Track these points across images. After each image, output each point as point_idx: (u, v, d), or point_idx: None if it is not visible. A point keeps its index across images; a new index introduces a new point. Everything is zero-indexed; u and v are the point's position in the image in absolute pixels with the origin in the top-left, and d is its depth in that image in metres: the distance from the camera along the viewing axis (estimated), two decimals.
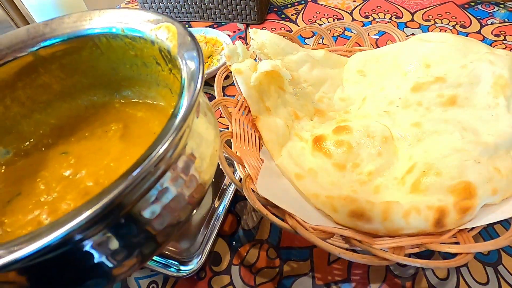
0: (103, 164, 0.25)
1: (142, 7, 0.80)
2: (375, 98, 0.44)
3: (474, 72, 0.38)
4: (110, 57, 0.27)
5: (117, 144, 0.26)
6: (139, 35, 0.24)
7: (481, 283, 0.33)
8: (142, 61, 0.27)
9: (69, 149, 0.27)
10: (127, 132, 0.27)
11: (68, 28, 0.25)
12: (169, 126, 0.17)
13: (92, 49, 0.26)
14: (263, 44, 0.45)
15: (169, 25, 0.22)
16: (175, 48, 0.21)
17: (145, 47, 0.25)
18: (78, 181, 0.25)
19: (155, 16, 0.23)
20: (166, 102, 0.29)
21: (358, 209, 0.31)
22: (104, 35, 0.25)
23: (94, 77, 0.29)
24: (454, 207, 0.29)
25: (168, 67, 0.25)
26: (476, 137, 0.34)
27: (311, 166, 0.37)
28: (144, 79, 0.28)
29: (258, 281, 0.34)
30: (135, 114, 0.29)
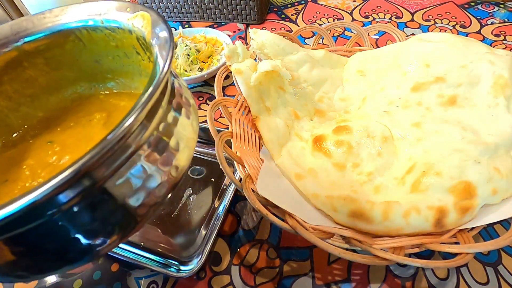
0: (86, 149, 0.26)
1: None
2: (375, 98, 0.44)
3: (474, 72, 0.38)
4: (93, 50, 0.28)
5: (100, 131, 0.27)
6: (117, 25, 0.25)
7: (481, 283, 0.33)
8: (123, 51, 0.27)
9: (54, 138, 0.28)
10: (110, 120, 0.29)
11: (49, 23, 0.26)
12: (137, 103, 0.17)
13: (74, 42, 0.27)
14: (263, 44, 0.45)
15: (144, 13, 0.23)
16: (149, 34, 0.22)
17: (124, 37, 0.25)
18: (61, 166, 0.25)
19: (131, 5, 0.24)
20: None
21: (358, 209, 0.31)
22: (84, 28, 0.26)
23: (79, 70, 0.29)
24: (454, 207, 0.29)
25: (147, 55, 0.26)
26: (476, 137, 0.34)
27: (311, 166, 0.37)
28: (127, 70, 0.29)
29: (258, 281, 0.34)
30: (118, 104, 0.30)
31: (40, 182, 0.23)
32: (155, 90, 0.18)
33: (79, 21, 0.26)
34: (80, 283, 0.36)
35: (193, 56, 0.62)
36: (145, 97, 0.17)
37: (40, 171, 0.26)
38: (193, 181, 0.44)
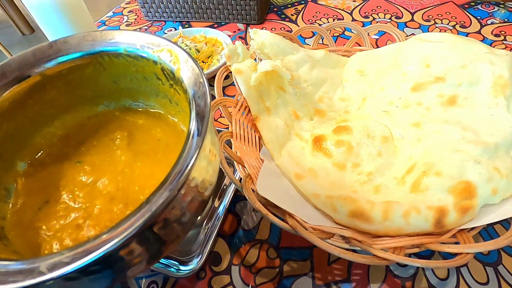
0: (118, 170, 0.28)
1: (142, 7, 0.80)
2: (375, 98, 0.44)
3: (474, 72, 0.38)
4: (112, 72, 0.29)
5: (126, 152, 0.29)
6: (142, 55, 0.26)
7: (481, 283, 0.33)
8: (142, 75, 0.28)
9: (82, 158, 0.29)
10: (132, 139, 0.30)
11: (71, 49, 0.27)
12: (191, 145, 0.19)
13: (95, 66, 0.28)
14: (263, 44, 0.45)
15: (171, 49, 0.25)
16: (179, 71, 0.24)
17: (146, 65, 0.27)
18: (99, 188, 0.27)
19: (157, 39, 0.26)
20: (165, 110, 0.31)
21: (358, 209, 0.31)
22: (107, 54, 0.27)
23: (96, 89, 0.30)
24: (454, 207, 0.29)
25: (169, 82, 0.27)
26: (476, 137, 0.34)
27: (311, 166, 0.37)
28: (143, 90, 0.30)
29: (258, 281, 0.34)
30: (136, 122, 0.31)
31: (84, 203, 0.26)
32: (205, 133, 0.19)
33: (102, 48, 0.27)
34: None
35: (193, 56, 0.62)
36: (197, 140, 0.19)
37: (78, 191, 0.27)
38: None
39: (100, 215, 0.25)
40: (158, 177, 0.27)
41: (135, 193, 0.26)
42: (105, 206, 0.26)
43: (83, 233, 0.24)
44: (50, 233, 0.25)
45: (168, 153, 0.28)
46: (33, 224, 0.25)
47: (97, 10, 2.20)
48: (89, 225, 0.25)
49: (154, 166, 0.28)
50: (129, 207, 0.25)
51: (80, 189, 0.27)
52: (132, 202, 0.26)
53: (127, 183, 0.27)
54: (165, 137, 0.30)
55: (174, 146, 0.29)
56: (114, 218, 0.25)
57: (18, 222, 0.25)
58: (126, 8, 0.91)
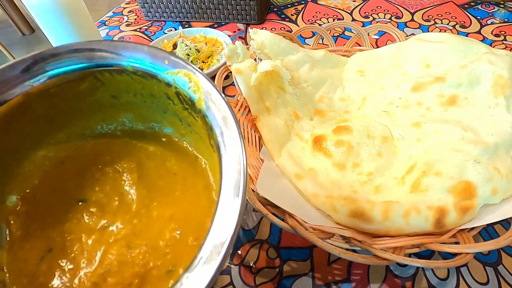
0: (132, 212, 0.24)
1: (142, 7, 0.80)
2: (375, 98, 0.44)
3: (474, 72, 0.38)
4: (112, 88, 0.24)
5: (138, 188, 0.25)
6: (152, 74, 0.22)
7: (481, 283, 0.33)
8: (149, 92, 0.24)
9: (85, 196, 0.25)
10: (143, 172, 0.25)
11: (61, 63, 0.22)
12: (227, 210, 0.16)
13: (92, 82, 0.24)
14: (263, 44, 0.45)
15: (189, 74, 0.21)
16: (201, 103, 0.20)
17: (156, 84, 0.23)
18: (111, 233, 0.23)
19: (170, 57, 0.22)
20: (174, 128, 0.26)
21: (358, 209, 0.31)
22: (107, 70, 0.23)
23: (89, 103, 0.25)
24: (454, 207, 0.29)
25: (183, 106, 0.23)
26: (476, 137, 0.34)
27: (311, 166, 0.37)
28: (149, 106, 0.26)
29: (258, 281, 0.34)
30: (146, 148, 0.26)
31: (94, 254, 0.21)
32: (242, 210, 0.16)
33: (101, 62, 0.22)
34: None
35: (193, 56, 0.62)
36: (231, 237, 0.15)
37: (86, 238, 0.23)
38: None
39: (120, 269, 0.21)
40: (177, 219, 0.23)
41: (155, 239, 0.22)
42: (123, 257, 0.22)
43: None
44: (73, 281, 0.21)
45: (186, 191, 0.25)
46: (37, 280, 0.21)
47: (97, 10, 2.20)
48: (111, 285, 0.21)
49: (172, 208, 0.24)
50: (151, 257, 0.22)
51: (88, 235, 0.23)
52: (153, 249, 0.22)
53: (145, 227, 0.23)
54: (182, 170, 0.26)
55: (191, 182, 0.25)
56: (138, 272, 0.21)
57: (18, 273, 0.21)
58: (126, 8, 0.91)
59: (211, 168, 0.24)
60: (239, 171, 0.17)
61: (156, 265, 0.21)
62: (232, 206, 0.16)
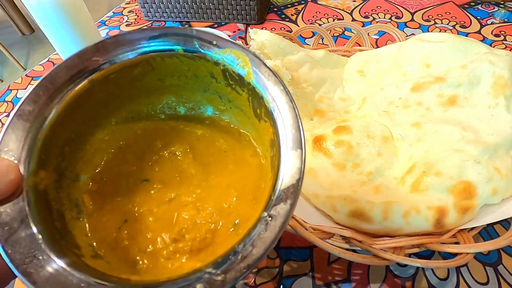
0: (194, 184, 0.26)
1: (142, 7, 0.80)
2: (375, 98, 0.44)
3: (474, 72, 0.38)
4: (160, 71, 0.26)
5: (195, 166, 0.27)
6: (202, 55, 0.23)
7: (481, 283, 0.33)
8: (194, 73, 0.26)
9: (147, 175, 0.27)
10: (196, 153, 0.28)
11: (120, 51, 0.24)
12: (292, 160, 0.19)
13: (144, 66, 0.25)
14: (263, 44, 0.45)
15: (236, 50, 0.23)
16: (250, 76, 0.22)
17: (203, 64, 0.24)
18: (179, 202, 0.25)
19: (218, 38, 0.23)
20: (213, 106, 0.29)
21: (358, 209, 0.31)
22: (159, 55, 0.24)
23: (137, 87, 0.27)
24: (454, 207, 0.29)
25: (226, 82, 0.25)
26: (476, 137, 0.34)
27: (311, 166, 0.37)
28: (190, 87, 0.27)
29: (258, 281, 0.34)
30: (195, 132, 0.29)
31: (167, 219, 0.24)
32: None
33: (154, 47, 0.24)
34: None
35: None
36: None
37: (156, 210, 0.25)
38: None
39: (195, 227, 0.24)
40: (234, 186, 0.26)
41: (218, 203, 0.25)
42: (195, 217, 0.24)
43: (183, 246, 0.23)
44: (147, 253, 0.23)
45: (237, 163, 0.27)
46: (120, 244, 0.23)
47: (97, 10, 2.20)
48: (190, 239, 0.23)
49: (228, 178, 0.26)
50: (218, 217, 0.24)
51: (158, 206, 0.25)
52: (219, 210, 0.25)
53: (208, 195, 0.26)
54: (230, 147, 0.28)
55: (240, 154, 0.27)
56: (209, 229, 0.24)
57: (102, 240, 0.23)
58: (126, 8, 0.91)
59: (256, 139, 0.27)
60: (297, 127, 0.20)
61: (223, 222, 0.24)
62: (295, 157, 0.19)
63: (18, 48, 2.20)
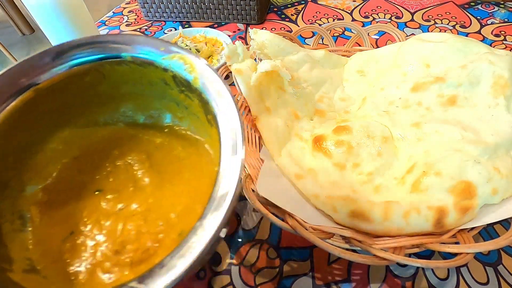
0: (147, 193, 0.26)
1: (142, 7, 0.80)
2: (375, 98, 0.44)
3: (474, 72, 0.38)
4: (112, 79, 0.26)
5: (150, 174, 0.27)
6: (149, 61, 0.24)
7: (481, 283, 0.33)
8: (147, 80, 0.26)
9: (100, 186, 0.27)
10: (154, 162, 0.27)
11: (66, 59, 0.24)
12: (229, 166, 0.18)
13: (94, 75, 0.25)
14: (263, 44, 0.45)
15: (184, 56, 0.23)
16: (197, 81, 0.22)
17: (153, 71, 0.24)
18: (128, 212, 0.25)
19: (165, 44, 0.23)
20: (172, 113, 0.29)
21: (358, 209, 0.31)
22: (108, 62, 0.24)
23: (92, 96, 0.27)
24: (454, 207, 0.29)
25: (179, 88, 0.25)
26: (476, 137, 0.34)
27: (311, 166, 0.37)
28: (147, 94, 0.28)
29: (258, 281, 0.34)
30: (153, 141, 0.28)
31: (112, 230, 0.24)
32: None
33: (102, 55, 0.24)
34: None
35: None
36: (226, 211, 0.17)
37: (104, 221, 0.25)
38: None
39: (139, 237, 0.24)
40: (186, 194, 0.26)
41: (167, 212, 0.25)
42: (140, 228, 0.24)
43: (124, 258, 0.23)
44: (85, 267, 0.23)
45: (192, 171, 0.27)
46: (62, 257, 0.23)
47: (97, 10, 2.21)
48: (131, 250, 0.23)
49: (182, 186, 0.26)
50: (164, 227, 0.24)
51: (106, 217, 0.25)
52: (166, 220, 0.25)
53: (159, 204, 0.26)
54: (187, 155, 0.28)
55: (196, 162, 0.27)
56: (154, 239, 0.24)
57: (44, 253, 0.23)
58: (126, 8, 0.91)
59: (210, 146, 0.27)
60: (236, 132, 0.19)
61: (169, 232, 0.24)
62: (233, 162, 0.18)
63: (18, 48, 2.20)
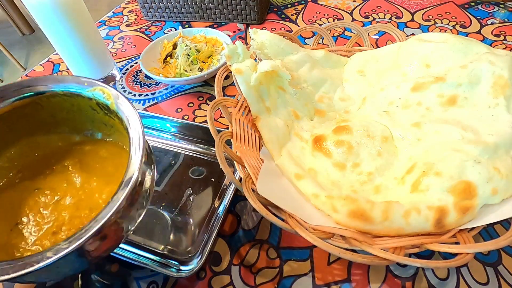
0: (78, 188, 0.33)
1: (142, 7, 0.80)
2: (375, 98, 0.44)
3: (474, 72, 0.38)
4: (49, 109, 0.33)
5: (81, 173, 0.33)
6: (77, 93, 0.31)
7: (481, 283, 0.33)
8: (78, 108, 0.33)
9: (40, 185, 0.33)
10: (84, 163, 0.34)
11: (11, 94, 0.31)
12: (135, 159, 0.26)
13: (34, 106, 0.32)
14: (263, 44, 0.45)
15: (103, 88, 0.30)
16: (113, 105, 0.30)
17: (81, 101, 0.32)
18: (64, 203, 0.32)
19: (88, 80, 0.31)
20: (102, 132, 0.36)
21: (358, 209, 0.30)
22: (45, 96, 0.32)
23: (33, 122, 0.34)
24: (454, 207, 0.29)
25: (103, 112, 0.32)
26: (476, 137, 0.34)
27: (311, 166, 0.37)
28: (79, 119, 0.35)
29: (258, 281, 0.34)
30: (82, 148, 0.36)
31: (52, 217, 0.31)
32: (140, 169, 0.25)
33: (39, 91, 0.31)
34: (80, 283, 0.36)
35: (193, 56, 0.62)
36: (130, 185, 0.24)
37: (45, 211, 0.31)
38: (193, 181, 0.44)
39: (71, 220, 0.30)
40: (111, 184, 0.32)
41: (96, 200, 0.31)
42: (73, 213, 0.31)
43: (60, 236, 0.29)
44: (31, 244, 0.29)
45: (115, 165, 0.34)
46: (10, 242, 0.29)
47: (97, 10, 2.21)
48: (65, 230, 0.30)
49: (107, 178, 0.33)
50: (93, 211, 0.31)
51: (46, 208, 0.31)
52: (95, 206, 0.31)
53: (89, 195, 0.32)
54: (111, 155, 0.35)
55: (119, 158, 0.34)
56: (83, 221, 0.30)
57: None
58: (126, 8, 0.91)
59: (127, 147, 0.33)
60: (141, 137, 0.27)
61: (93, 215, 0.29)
62: (136, 156, 0.26)
63: (18, 48, 2.20)
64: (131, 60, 0.70)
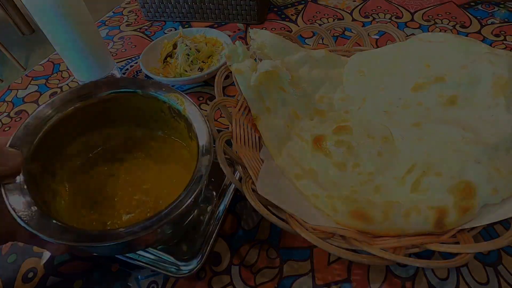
0: (150, 175, 0.38)
1: (142, 7, 0.80)
2: (375, 98, 0.44)
3: (474, 72, 0.38)
4: (125, 105, 0.37)
5: (152, 164, 0.38)
6: (154, 96, 0.36)
7: (481, 283, 0.33)
8: (148, 107, 0.37)
9: (114, 172, 0.38)
10: (153, 156, 0.39)
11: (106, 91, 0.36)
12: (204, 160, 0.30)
13: (115, 101, 0.37)
14: (263, 44, 0.45)
15: (177, 95, 0.35)
16: (185, 111, 0.34)
17: (154, 102, 0.36)
18: (136, 187, 0.36)
19: (166, 86, 0.36)
20: (164, 132, 0.40)
21: (358, 209, 0.31)
22: (126, 95, 0.36)
23: (109, 115, 0.38)
24: (454, 207, 0.29)
25: (171, 115, 0.37)
26: (476, 137, 0.34)
27: (311, 166, 0.37)
28: (144, 117, 0.39)
29: (258, 281, 0.34)
30: (152, 145, 0.40)
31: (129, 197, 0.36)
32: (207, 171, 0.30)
33: (124, 90, 0.36)
34: (80, 283, 0.36)
35: (193, 56, 0.62)
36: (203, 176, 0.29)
37: (121, 192, 0.36)
38: None
39: (143, 203, 0.35)
40: (175, 176, 0.37)
41: (162, 188, 0.36)
42: (144, 198, 0.35)
43: (133, 215, 0.34)
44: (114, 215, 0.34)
45: (179, 161, 0.38)
46: (90, 217, 0.33)
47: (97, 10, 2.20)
48: (137, 212, 0.34)
49: (173, 171, 0.38)
50: (159, 198, 0.35)
51: (121, 190, 0.36)
52: (162, 193, 0.36)
53: (157, 184, 0.36)
54: (172, 151, 0.39)
55: (180, 155, 0.38)
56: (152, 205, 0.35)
57: (70, 218, 0.32)
58: (126, 8, 0.91)
59: (188, 151, 0.38)
60: (209, 144, 0.31)
61: (164, 200, 0.35)
62: (206, 158, 0.30)
63: (18, 48, 2.20)
64: (131, 60, 0.70)
